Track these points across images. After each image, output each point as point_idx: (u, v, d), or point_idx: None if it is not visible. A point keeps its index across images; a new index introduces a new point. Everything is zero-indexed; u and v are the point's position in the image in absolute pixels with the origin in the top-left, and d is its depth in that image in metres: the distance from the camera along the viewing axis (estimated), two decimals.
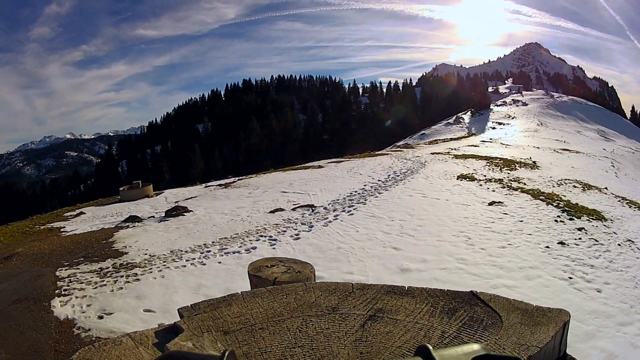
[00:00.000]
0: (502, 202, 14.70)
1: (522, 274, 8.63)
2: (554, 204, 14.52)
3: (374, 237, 11.45)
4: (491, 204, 14.58)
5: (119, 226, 16.06)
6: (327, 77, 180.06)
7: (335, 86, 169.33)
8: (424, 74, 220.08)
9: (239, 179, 28.45)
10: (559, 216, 13.06)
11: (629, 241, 11.31)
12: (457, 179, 19.68)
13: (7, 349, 6.80)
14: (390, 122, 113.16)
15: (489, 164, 25.28)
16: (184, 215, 16.65)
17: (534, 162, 28.10)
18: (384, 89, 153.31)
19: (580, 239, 10.99)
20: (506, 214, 13.34)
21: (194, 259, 10.72)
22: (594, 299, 7.62)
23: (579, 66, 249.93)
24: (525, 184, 18.68)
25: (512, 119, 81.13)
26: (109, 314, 7.87)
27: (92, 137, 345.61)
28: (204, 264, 10.27)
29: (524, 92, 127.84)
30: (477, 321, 1.14)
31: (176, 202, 20.76)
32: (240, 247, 11.44)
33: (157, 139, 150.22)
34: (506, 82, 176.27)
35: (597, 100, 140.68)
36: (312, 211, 14.86)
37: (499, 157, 29.52)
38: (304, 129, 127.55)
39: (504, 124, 73.53)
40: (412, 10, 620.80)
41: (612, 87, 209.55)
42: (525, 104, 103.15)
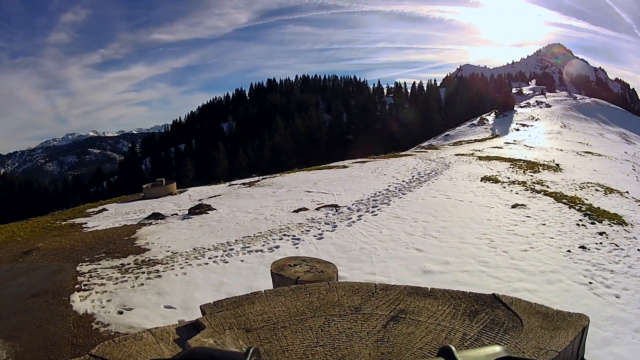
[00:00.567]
0: (525, 205, 14.59)
1: (543, 277, 8.52)
2: (576, 208, 14.38)
3: (397, 238, 11.35)
4: (514, 206, 14.48)
5: (142, 223, 16.09)
6: (352, 77, 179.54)
7: (359, 86, 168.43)
8: (448, 75, 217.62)
9: (263, 178, 28.46)
10: (580, 220, 12.93)
11: None
12: (481, 181, 19.60)
13: (22, 341, 6.81)
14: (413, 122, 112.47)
15: (512, 166, 25.12)
16: (208, 213, 16.63)
17: (557, 164, 27.79)
18: (409, 90, 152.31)
19: (600, 243, 10.84)
20: (529, 217, 13.22)
21: (217, 256, 10.70)
22: (612, 305, 7.52)
23: (600, 67, 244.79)
24: (548, 187, 18.52)
25: (536, 120, 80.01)
26: (129, 310, 7.88)
27: (116, 134, 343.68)
28: (227, 262, 10.26)
29: (547, 94, 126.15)
30: (498, 324, 1.14)
31: (200, 200, 20.79)
32: (263, 245, 11.41)
33: (181, 138, 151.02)
34: (529, 83, 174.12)
35: (619, 102, 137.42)
36: (336, 211, 14.80)
37: (522, 159, 29.36)
38: (328, 129, 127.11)
39: (527, 126, 72.55)
40: (422, 11, 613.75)
41: (633, 89, 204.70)
42: (548, 106, 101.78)
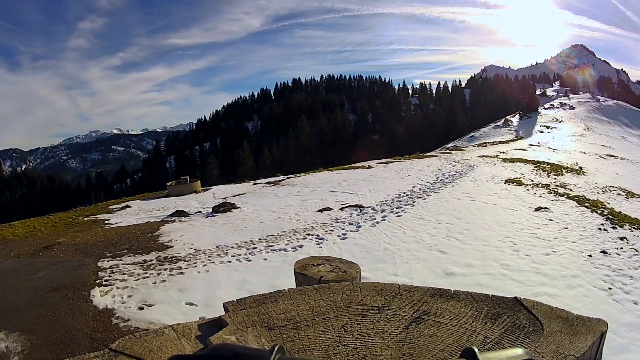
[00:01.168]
0: (548, 208, 14.49)
1: (564, 282, 8.47)
2: (598, 212, 14.22)
3: (421, 239, 11.28)
4: (537, 209, 14.40)
5: (165, 220, 16.10)
6: (377, 77, 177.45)
7: (384, 86, 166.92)
8: (473, 76, 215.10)
9: (287, 177, 28.44)
10: (602, 224, 12.79)
11: None
12: (505, 183, 19.45)
13: (39, 335, 6.76)
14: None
15: (536, 169, 24.94)
16: (232, 211, 16.57)
17: (580, 167, 27.47)
18: (434, 90, 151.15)
19: (621, 248, 10.70)
20: (552, 220, 13.11)
21: (240, 255, 10.67)
22: (631, 312, 7.47)
23: (622, 69, 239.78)
24: (571, 190, 18.35)
25: (560, 122, 79.01)
26: (150, 306, 7.86)
27: (140, 132, 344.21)
28: (250, 260, 10.22)
29: (570, 95, 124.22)
30: (519, 328, 1.13)
31: (224, 198, 20.75)
32: (286, 244, 11.36)
33: (205, 136, 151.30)
34: (553, 84, 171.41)
35: None
36: (360, 211, 14.70)
37: (546, 162, 29.10)
38: (353, 129, 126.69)
39: (551, 128, 71.76)
40: (432, 12, 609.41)
41: None
42: (572, 108, 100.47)
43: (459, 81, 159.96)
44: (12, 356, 6.20)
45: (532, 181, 20.30)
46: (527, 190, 18.03)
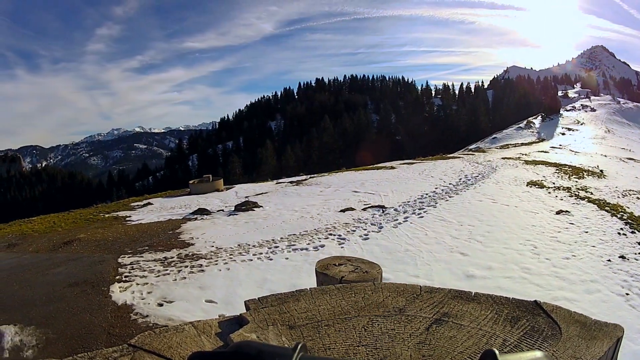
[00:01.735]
0: (569, 212, 14.36)
1: (583, 287, 8.34)
2: (618, 216, 14.04)
3: (442, 241, 11.17)
4: (558, 212, 14.28)
5: (187, 218, 16.11)
6: (400, 77, 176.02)
7: (407, 87, 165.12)
8: (495, 77, 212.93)
9: (310, 177, 28.57)
10: (621, 228, 12.60)
11: None
12: (527, 186, 19.33)
13: (55, 329, 6.69)
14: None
15: (558, 171, 24.77)
16: (254, 210, 16.54)
17: (601, 170, 27.19)
18: (456, 91, 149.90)
19: (639, 253, 10.54)
20: (572, 224, 12.96)
21: (261, 253, 10.61)
22: None
23: None
24: (592, 194, 18.16)
25: (581, 124, 77.94)
26: (170, 302, 7.80)
27: (163, 130, 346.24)
28: (271, 259, 10.16)
29: (592, 97, 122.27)
30: (538, 331, 1.12)
31: (246, 197, 20.72)
32: (308, 244, 11.28)
33: (228, 135, 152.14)
34: (574, 86, 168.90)
35: None
36: (383, 212, 14.64)
37: (567, 165, 28.89)
38: (376, 129, 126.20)
39: (573, 130, 70.88)
40: (442, 15, 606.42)
41: None
42: (593, 110, 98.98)
43: (482, 82, 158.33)
44: (26, 349, 6.20)
45: (554, 184, 20.18)
46: (549, 193, 17.90)
